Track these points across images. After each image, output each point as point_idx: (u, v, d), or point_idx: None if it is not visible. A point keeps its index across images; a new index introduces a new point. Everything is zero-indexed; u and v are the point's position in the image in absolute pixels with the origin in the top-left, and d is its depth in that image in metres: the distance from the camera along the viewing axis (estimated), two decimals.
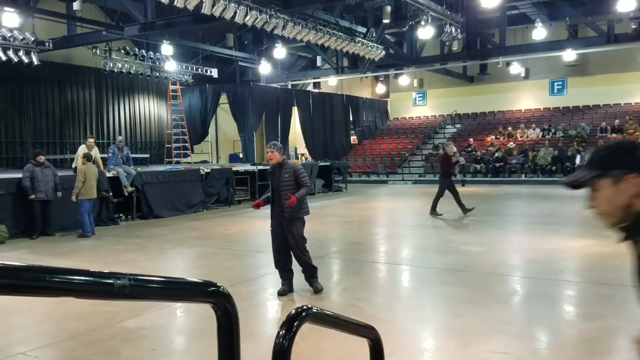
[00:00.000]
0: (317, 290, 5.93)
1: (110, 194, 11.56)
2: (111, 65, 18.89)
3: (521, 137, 24.74)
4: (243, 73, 25.01)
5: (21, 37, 15.27)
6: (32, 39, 15.58)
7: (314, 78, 27.65)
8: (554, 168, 21.44)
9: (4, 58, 15.05)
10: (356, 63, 22.09)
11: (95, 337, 4.70)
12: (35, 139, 18.95)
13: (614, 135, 22.37)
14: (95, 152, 11.68)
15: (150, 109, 23.38)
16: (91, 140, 11.86)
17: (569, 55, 22.22)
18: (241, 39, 22.70)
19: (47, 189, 10.08)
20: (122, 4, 15.72)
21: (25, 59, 15.59)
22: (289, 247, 5.89)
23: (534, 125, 25.24)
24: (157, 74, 20.78)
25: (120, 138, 14.80)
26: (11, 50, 15.20)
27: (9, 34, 14.98)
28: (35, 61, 15.93)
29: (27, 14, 15.91)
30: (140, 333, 4.78)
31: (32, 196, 9.87)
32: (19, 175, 10.30)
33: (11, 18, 14.73)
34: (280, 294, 5.89)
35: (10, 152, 18.45)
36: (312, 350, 4.26)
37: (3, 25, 14.87)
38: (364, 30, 18.06)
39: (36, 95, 19.05)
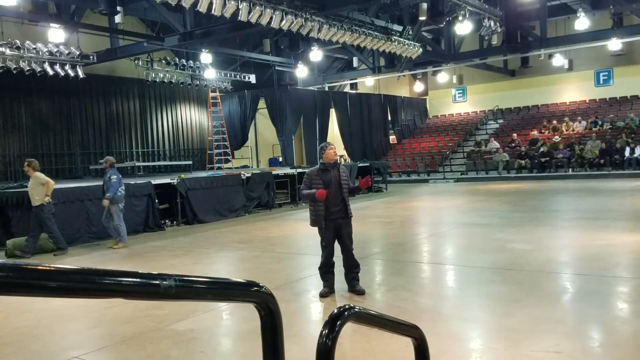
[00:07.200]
0: (360, 292, 5.92)
1: (157, 200, 11.83)
2: (153, 75, 19.41)
3: (567, 130, 24.04)
4: (280, 77, 25.24)
5: (67, 52, 15.87)
6: (77, 53, 16.16)
7: (351, 79, 27.64)
8: (602, 161, 20.76)
9: (51, 72, 15.66)
10: (393, 62, 21.94)
11: (145, 340, 4.82)
12: (83, 149, 19.62)
13: None
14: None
15: (191, 117, 23.92)
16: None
17: (614, 44, 21.50)
18: (277, 44, 22.92)
19: None
20: (162, 15, 16.11)
21: (72, 73, 16.19)
22: (340, 248, 5.94)
23: (579, 117, 24.48)
24: (197, 82, 21.24)
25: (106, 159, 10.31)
26: (58, 64, 15.82)
27: (56, 49, 15.61)
28: (80, 74, 16.51)
29: (72, 29, 16.53)
30: (189, 335, 4.87)
31: None
32: (69, 185, 10.49)
33: (57, 34, 15.37)
34: (323, 295, 5.90)
35: (60, 163, 19.14)
36: (356, 352, 4.25)
37: (50, 40, 15.49)
38: (400, 28, 17.92)
39: (83, 107, 19.72)
